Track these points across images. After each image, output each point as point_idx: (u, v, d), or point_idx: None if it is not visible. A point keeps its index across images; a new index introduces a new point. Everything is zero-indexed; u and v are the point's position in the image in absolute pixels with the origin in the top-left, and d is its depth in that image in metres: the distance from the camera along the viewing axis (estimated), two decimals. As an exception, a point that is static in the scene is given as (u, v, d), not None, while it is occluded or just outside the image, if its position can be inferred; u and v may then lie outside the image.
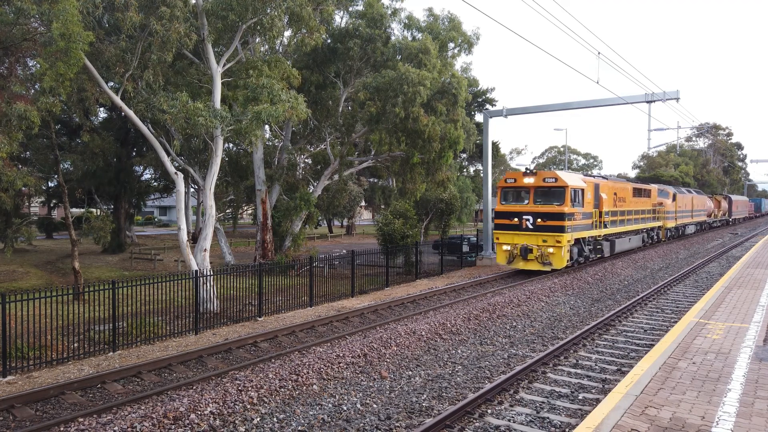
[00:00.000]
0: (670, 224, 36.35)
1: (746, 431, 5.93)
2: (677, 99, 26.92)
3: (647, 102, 27.68)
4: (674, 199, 36.93)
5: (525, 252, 20.57)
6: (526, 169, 21.59)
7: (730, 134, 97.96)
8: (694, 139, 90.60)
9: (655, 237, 33.46)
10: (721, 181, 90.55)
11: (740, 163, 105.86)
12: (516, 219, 21.02)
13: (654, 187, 33.31)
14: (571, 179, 20.98)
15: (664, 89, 27.17)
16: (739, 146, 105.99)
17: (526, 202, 20.95)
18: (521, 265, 20.95)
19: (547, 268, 20.35)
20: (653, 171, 68.68)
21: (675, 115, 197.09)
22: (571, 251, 21.03)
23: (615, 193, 25.55)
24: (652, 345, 11.05)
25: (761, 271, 19.37)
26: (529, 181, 21.07)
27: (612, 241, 25.06)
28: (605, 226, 24.02)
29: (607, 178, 25.93)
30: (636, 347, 11.55)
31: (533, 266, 20.61)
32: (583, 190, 21.28)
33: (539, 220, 20.46)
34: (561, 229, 20.02)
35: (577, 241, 21.51)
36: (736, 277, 17.76)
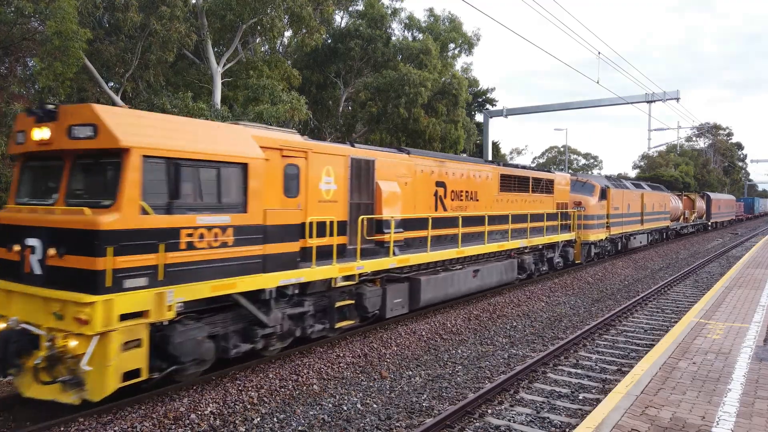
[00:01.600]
0: (597, 235, 22.98)
1: (746, 431, 5.93)
2: (677, 99, 26.95)
3: (647, 102, 27.73)
4: (604, 196, 23.73)
5: (19, 348, 7.17)
6: (43, 102, 9.37)
7: (730, 134, 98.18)
8: (694, 139, 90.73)
9: (558, 260, 20.29)
10: (722, 181, 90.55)
11: (740, 163, 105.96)
12: (16, 246, 7.53)
13: (561, 176, 20.90)
14: (142, 128, 7.47)
15: (665, 89, 27.20)
16: (740, 146, 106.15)
17: (56, 197, 7.69)
18: (23, 385, 7.45)
19: (71, 399, 6.93)
20: (654, 171, 68.63)
21: (675, 115, 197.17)
22: (168, 343, 7.60)
23: (441, 184, 13.61)
24: (653, 345, 11.04)
25: (761, 271, 19.37)
26: (43, 135, 7.56)
27: (414, 283, 12.33)
28: (386, 252, 11.44)
29: (410, 153, 12.86)
30: (636, 347, 11.55)
31: (38, 392, 7.22)
32: (245, 167, 8.53)
33: (54, 250, 7.15)
34: (90, 282, 6.83)
35: (222, 305, 8.54)
36: (737, 277, 17.76)
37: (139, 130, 7.47)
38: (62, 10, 12.72)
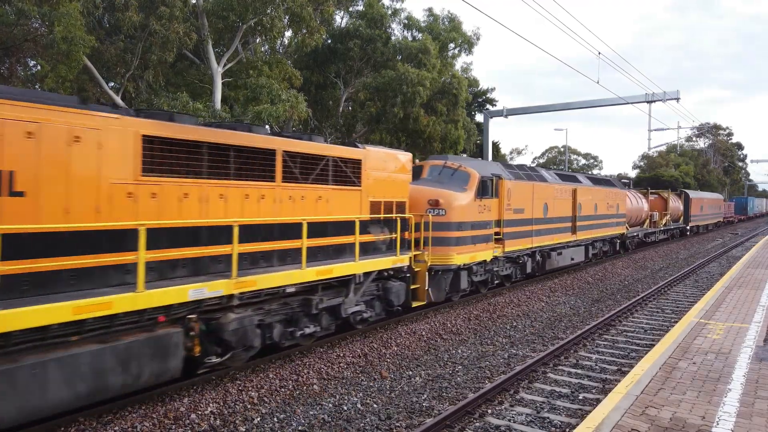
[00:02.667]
0: (472, 255, 14.38)
1: (746, 431, 5.94)
2: (677, 99, 26.96)
3: (647, 102, 27.73)
4: (488, 191, 15.06)
5: None
6: None
7: (730, 134, 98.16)
8: (694, 139, 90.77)
9: (359, 306, 11.01)
10: (722, 181, 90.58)
11: (740, 163, 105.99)
12: None
13: (386, 155, 11.81)
14: None
15: (665, 89, 27.21)
16: (740, 146, 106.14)
17: None
18: None
19: None
20: (653, 171, 68.61)
21: (675, 115, 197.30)
22: None
23: None
24: (653, 345, 11.04)
25: (761, 271, 19.38)
26: None
27: None
28: None
29: None
30: (636, 347, 11.56)
31: None
32: None
33: None
34: None
35: None
36: (737, 277, 17.78)
37: None
38: (69, 16, 12.74)
